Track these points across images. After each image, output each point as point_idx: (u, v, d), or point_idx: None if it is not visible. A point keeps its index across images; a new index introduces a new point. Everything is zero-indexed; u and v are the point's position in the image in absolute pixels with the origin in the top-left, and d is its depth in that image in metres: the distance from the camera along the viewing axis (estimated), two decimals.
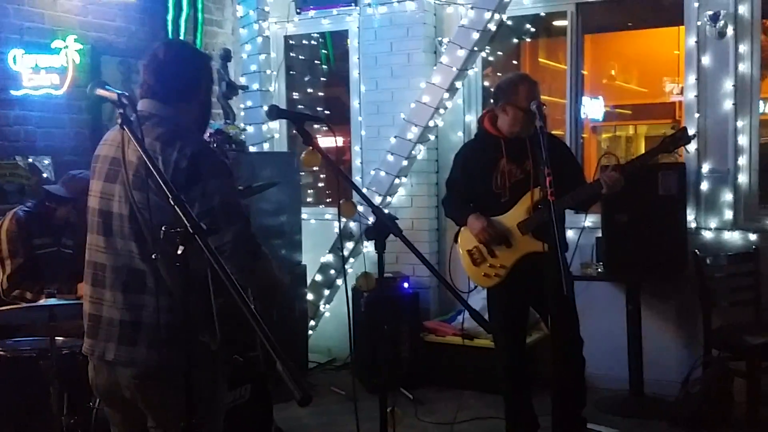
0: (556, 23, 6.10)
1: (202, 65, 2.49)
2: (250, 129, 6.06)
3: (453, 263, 4.06)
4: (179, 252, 1.81)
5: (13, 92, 4.79)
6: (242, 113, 6.17)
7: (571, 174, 3.90)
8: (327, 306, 5.90)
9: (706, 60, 4.88)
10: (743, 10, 4.77)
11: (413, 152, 5.55)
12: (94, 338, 2.38)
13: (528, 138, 3.80)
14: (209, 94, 2.54)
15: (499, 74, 6.66)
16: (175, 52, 2.45)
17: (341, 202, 2.58)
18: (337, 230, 5.82)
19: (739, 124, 4.82)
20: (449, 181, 4.16)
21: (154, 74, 2.39)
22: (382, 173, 5.59)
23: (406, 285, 5.36)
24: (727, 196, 4.87)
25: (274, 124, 6.23)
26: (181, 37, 5.81)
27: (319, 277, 5.82)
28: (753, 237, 4.81)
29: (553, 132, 5.10)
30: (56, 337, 3.35)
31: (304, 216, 5.78)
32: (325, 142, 5.76)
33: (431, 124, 5.53)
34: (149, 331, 2.27)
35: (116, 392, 2.39)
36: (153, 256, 2.00)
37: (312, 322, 5.83)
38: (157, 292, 2.25)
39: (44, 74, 4.91)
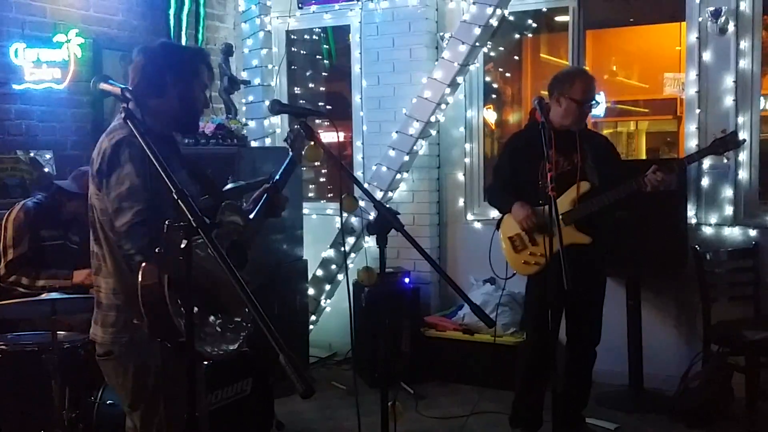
0: (558, 18, 6.10)
1: (170, 61, 2.54)
2: (251, 124, 6.07)
3: (493, 250, 4.07)
4: (182, 246, 1.82)
5: (14, 86, 4.79)
6: (244, 108, 6.17)
7: (614, 171, 3.94)
8: (328, 301, 5.91)
9: (707, 56, 4.88)
10: (744, 6, 4.77)
11: (415, 147, 5.56)
12: None
13: (578, 132, 3.88)
14: (188, 88, 2.55)
15: (500, 69, 6.67)
16: (144, 51, 2.56)
17: (343, 196, 2.59)
18: (338, 225, 5.83)
19: (740, 120, 4.82)
20: (496, 169, 4.20)
21: (130, 74, 2.55)
22: (384, 168, 5.59)
23: (407, 280, 5.37)
24: (728, 192, 4.87)
25: (276, 119, 6.24)
26: (183, 32, 5.81)
27: (320, 272, 5.83)
28: (753, 233, 4.82)
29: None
30: (58, 332, 3.37)
31: (305, 211, 5.78)
32: (327, 137, 5.79)
33: (433, 119, 5.53)
34: (103, 311, 2.46)
35: None
36: (156, 250, 2.03)
37: (313, 317, 5.84)
38: (107, 276, 2.44)
39: (46, 68, 4.90)
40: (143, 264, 2.13)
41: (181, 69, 2.55)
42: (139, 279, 2.13)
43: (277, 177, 2.72)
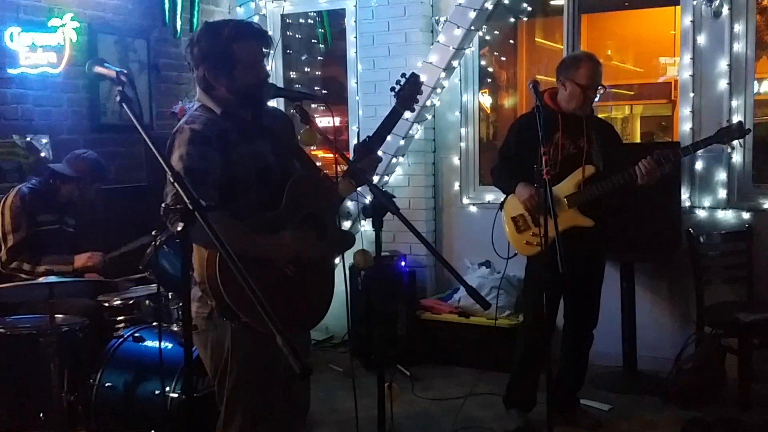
0: (553, 2, 6.08)
1: (204, 57, 2.50)
2: None
3: (495, 230, 4.10)
4: (179, 228, 1.83)
5: (9, 71, 4.77)
6: None
7: (617, 160, 3.94)
8: None
9: (701, 40, 4.89)
10: None
11: (410, 132, 5.56)
12: None
13: (585, 117, 3.90)
14: (230, 77, 2.50)
15: (495, 53, 6.64)
16: (188, 46, 2.56)
17: (339, 180, 2.61)
18: None
19: (734, 103, 4.84)
20: (502, 150, 4.18)
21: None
22: (380, 152, 5.58)
23: (403, 263, 5.40)
24: (721, 175, 4.90)
25: (272, 104, 6.21)
26: (178, 16, 5.78)
27: None
28: (746, 215, 4.85)
29: None
30: (56, 315, 3.39)
31: None
32: (323, 121, 5.79)
33: (428, 103, 5.54)
34: (194, 286, 2.50)
35: None
36: (179, 229, 1.98)
37: None
38: (195, 253, 2.46)
39: (41, 52, 4.87)
40: (208, 251, 2.30)
41: (216, 61, 2.49)
42: (205, 263, 2.29)
43: (370, 136, 2.78)
